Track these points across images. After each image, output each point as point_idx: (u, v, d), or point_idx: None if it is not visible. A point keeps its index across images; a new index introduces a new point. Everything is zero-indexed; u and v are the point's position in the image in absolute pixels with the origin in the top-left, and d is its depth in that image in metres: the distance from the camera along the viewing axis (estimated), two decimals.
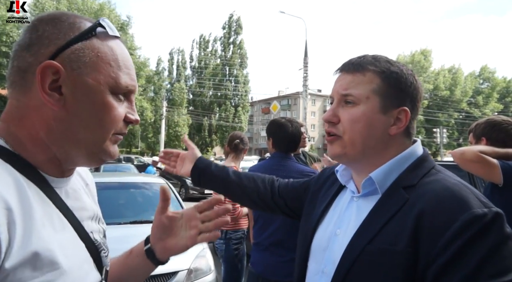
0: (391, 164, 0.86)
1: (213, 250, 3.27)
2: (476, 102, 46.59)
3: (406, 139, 0.90)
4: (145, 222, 3.76)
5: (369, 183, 0.87)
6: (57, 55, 0.63)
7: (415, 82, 0.88)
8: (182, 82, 45.28)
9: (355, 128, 0.86)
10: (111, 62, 0.67)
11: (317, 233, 0.97)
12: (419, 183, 0.82)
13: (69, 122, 0.64)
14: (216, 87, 46.35)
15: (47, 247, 0.58)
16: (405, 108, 0.86)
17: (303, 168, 2.24)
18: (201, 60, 47.80)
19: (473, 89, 46.84)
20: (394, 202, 0.81)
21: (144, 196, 4.34)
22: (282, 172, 2.26)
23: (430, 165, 0.87)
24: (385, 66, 0.87)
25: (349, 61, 0.90)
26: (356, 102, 0.86)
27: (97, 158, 0.70)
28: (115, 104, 0.67)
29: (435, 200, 0.76)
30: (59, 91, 0.64)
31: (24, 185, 0.60)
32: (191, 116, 44.12)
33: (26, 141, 0.65)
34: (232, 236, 3.03)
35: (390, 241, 0.77)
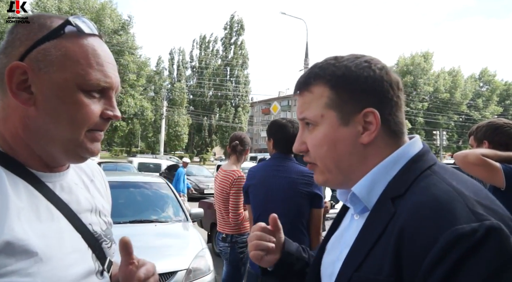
0: (374, 172, 0.73)
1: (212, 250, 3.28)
2: (476, 105, 46.64)
3: (392, 139, 0.74)
4: (145, 221, 3.77)
5: (355, 198, 0.75)
6: (26, 56, 0.66)
7: (373, 73, 0.73)
8: (183, 82, 45.31)
9: (321, 153, 0.76)
10: (80, 60, 0.67)
11: (324, 257, 0.87)
12: (408, 191, 0.67)
13: (41, 120, 0.67)
14: (216, 88, 46.37)
15: (20, 236, 0.60)
16: (370, 109, 0.72)
17: (303, 169, 2.22)
18: (202, 60, 47.83)
19: (473, 92, 46.90)
20: (381, 218, 0.68)
21: (143, 195, 4.35)
22: (282, 173, 2.26)
23: (424, 165, 0.71)
24: (330, 73, 0.75)
25: (298, 80, 0.81)
26: (314, 123, 0.76)
27: (76, 154, 0.71)
28: (86, 102, 0.68)
29: (416, 215, 0.62)
30: (29, 90, 0.66)
31: (4, 178, 0.63)
32: (191, 116, 44.14)
33: (9, 139, 0.68)
34: (238, 239, 3.02)
35: (376, 268, 0.65)
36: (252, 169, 2.49)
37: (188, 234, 3.70)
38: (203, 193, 13.05)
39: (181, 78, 47.72)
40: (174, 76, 48.56)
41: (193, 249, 3.34)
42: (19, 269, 0.59)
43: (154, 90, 40.48)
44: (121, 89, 0.77)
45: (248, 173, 2.49)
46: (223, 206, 3.05)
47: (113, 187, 4.01)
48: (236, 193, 2.94)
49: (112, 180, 4.25)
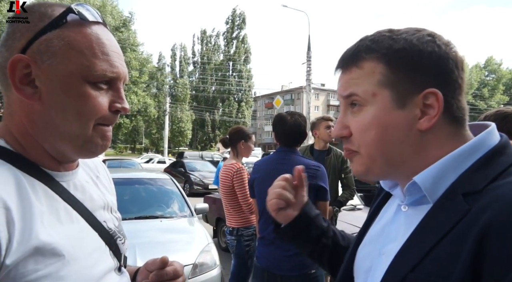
0: (444, 162, 0.63)
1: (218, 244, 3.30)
2: (481, 95, 46.26)
3: (453, 127, 0.65)
4: (150, 217, 3.78)
5: (414, 189, 0.65)
6: (28, 48, 0.62)
7: (438, 49, 0.63)
8: (185, 78, 45.29)
9: (367, 139, 0.66)
10: (85, 50, 0.63)
11: (360, 250, 0.79)
12: (488, 187, 0.58)
13: (47, 115, 0.64)
14: (219, 83, 46.32)
15: (48, 241, 0.59)
16: (432, 90, 0.62)
17: (308, 162, 2.21)
18: (204, 56, 47.73)
19: (479, 81, 46.50)
20: (448, 215, 0.59)
21: (148, 191, 4.36)
22: (287, 166, 2.25)
23: (509, 159, 0.61)
24: (386, 46, 0.65)
25: (344, 54, 0.71)
26: (362, 103, 0.66)
27: (87, 150, 0.68)
28: (93, 94, 0.64)
29: (505, 215, 0.51)
30: (34, 84, 0.63)
31: (25, 182, 0.61)
32: (194, 112, 44.20)
33: (18, 137, 0.65)
34: (244, 232, 3.04)
35: (440, 270, 0.56)
36: (257, 163, 2.50)
37: (194, 229, 3.72)
38: (207, 188, 13.08)
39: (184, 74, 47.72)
40: (176, 72, 48.56)
41: (199, 244, 3.36)
42: (50, 273, 0.59)
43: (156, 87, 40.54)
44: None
45: (253, 167, 2.50)
46: (227, 200, 3.09)
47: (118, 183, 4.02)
48: (240, 184, 2.96)
49: (117, 176, 4.27)
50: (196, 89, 47.80)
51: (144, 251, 2.94)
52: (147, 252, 2.97)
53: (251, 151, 3.22)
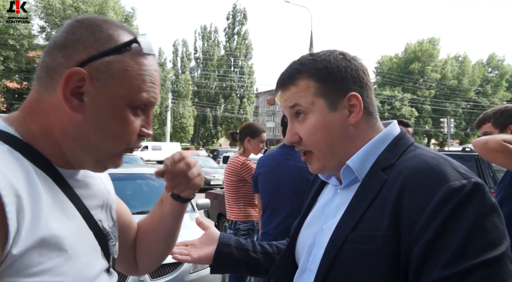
0: (367, 148, 0.84)
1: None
2: (484, 91, 45.99)
3: (371, 120, 0.87)
4: None
5: (348, 172, 0.84)
6: (87, 63, 0.64)
7: (350, 63, 0.85)
8: (187, 74, 45.24)
9: (316, 139, 0.84)
10: (137, 77, 0.68)
11: (302, 232, 0.95)
12: (398, 161, 0.79)
13: (84, 128, 0.66)
14: (221, 79, 46.24)
15: (54, 233, 0.60)
16: (353, 93, 0.83)
17: None
18: (206, 52, 47.62)
19: (481, 78, 46.20)
20: (373, 185, 0.78)
21: (150, 186, 4.37)
22: (291, 162, 2.27)
23: (408, 142, 0.85)
24: (312, 66, 0.84)
25: (280, 78, 0.89)
26: (305, 111, 0.84)
27: (103, 165, 0.73)
28: (132, 119, 0.69)
29: (412, 177, 0.72)
30: (81, 97, 0.65)
31: (33, 173, 0.62)
32: (196, 108, 44.18)
33: (37, 134, 0.67)
34: (241, 226, 3.05)
35: (372, 226, 0.74)
36: (262, 158, 2.50)
37: (195, 225, 3.72)
38: (209, 184, 13.13)
39: (185, 70, 47.64)
40: (178, 68, 48.49)
41: None
42: (52, 267, 0.59)
43: None
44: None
45: (257, 162, 2.50)
46: (228, 192, 3.12)
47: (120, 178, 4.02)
48: (250, 175, 2.96)
49: (119, 171, 4.28)
50: (198, 85, 47.75)
51: None
52: None
53: (259, 148, 3.18)
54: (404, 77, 42.37)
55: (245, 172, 3.00)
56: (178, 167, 0.83)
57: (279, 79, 0.90)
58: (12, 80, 26.47)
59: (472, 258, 0.63)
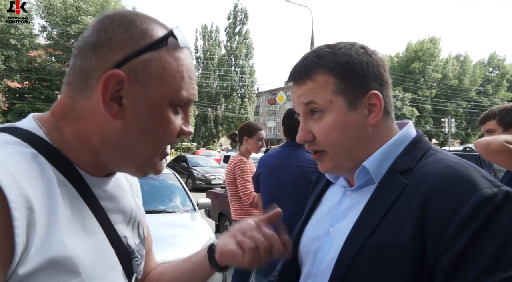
0: (384, 149, 0.79)
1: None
2: (485, 91, 45.91)
3: (388, 120, 0.82)
4: (153, 211, 3.80)
5: (363, 173, 0.79)
6: (124, 64, 0.59)
7: (371, 59, 0.78)
8: None
9: (333, 140, 0.78)
10: (176, 74, 0.62)
11: (304, 235, 0.90)
12: (417, 166, 0.75)
13: (124, 134, 0.61)
14: (222, 78, 46.24)
15: (67, 253, 0.53)
16: (374, 92, 0.77)
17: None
18: (207, 51, 47.62)
19: (482, 77, 46.12)
20: (392, 189, 0.74)
21: (151, 186, 4.37)
22: (293, 161, 2.26)
23: (426, 145, 0.80)
24: (331, 61, 0.77)
25: (295, 70, 0.81)
26: (321, 110, 0.78)
27: (144, 171, 0.67)
28: (173, 119, 0.63)
29: (439, 183, 0.68)
30: (119, 101, 0.60)
31: (55, 181, 0.56)
32: (197, 107, 44.18)
33: (71, 140, 0.62)
34: None
35: (392, 233, 0.69)
36: (263, 157, 2.49)
37: (196, 224, 3.74)
38: (210, 183, 13.14)
39: None
40: None
41: (201, 239, 3.38)
42: None
43: None
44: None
45: (259, 161, 2.49)
46: (229, 192, 3.13)
47: None
48: (240, 174, 2.98)
49: None
50: (199, 84, 47.75)
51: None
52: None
53: (259, 147, 3.17)
54: (405, 76, 42.29)
55: (237, 170, 3.00)
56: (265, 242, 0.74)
57: (293, 71, 0.82)
58: (13, 80, 26.50)
59: (506, 270, 0.59)
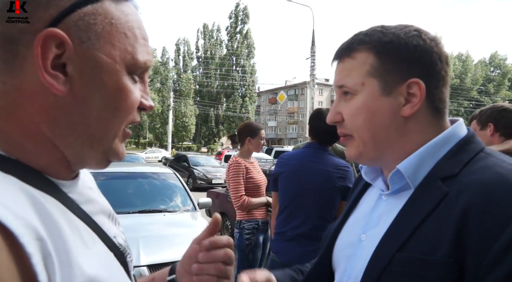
0: (423, 151, 0.69)
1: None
2: (486, 90, 45.84)
3: (434, 117, 0.71)
4: (153, 211, 3.80)
5: (397, 177, 0.70)
6: (60, 21, 0.47)
7: (423, 43, 0.69)
8: (189, 73, 45.28)
9: (358, 123, 0.72)
10: (127, 32, 0.51)
11: (339, 239, 0.84)
12: (463, 171, 0.64)
13: (78, 112, 0.49)
14: (223, 78, 46.25)
15: (91, 274, 0.47)
16: (415, 80, 0.68)
17: (338, 162, 2.16)
18: (207, 50, 47.63)
19: (484, 77, 46.06)
20: (429, 197, 0.64)
21: (152, 185, 4.38)
22: (318, 164, 2.17)
23: (477, 147, 0.69)
24: (377, 39, 0.71)
25: (340, 47, 0.76)
26: (353, 93, 0.72)
27: (106, 159, 0.55)
28: (132, 88, 0.52)
29: (484, 193, 0.58)
30: (63, 70, 0.48)
31: (40, 199, 0.46)
32: (198, 107, 44.22)
33: (22, 140, 0.49)
34: (245, 225, 3.03)
35: (426, 248, 0.60)
36: (284, 156, 2.38)
37: (197, 223, 3.74)
38: (211, 183, 13.13)
39: (187, 69, 47.68)
40: (180, 67, 48.54)
41: None
42: None
43: (160, 82, 40.57)
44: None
45: (279, 160, 2.40)
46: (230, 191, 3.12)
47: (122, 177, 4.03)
48: (232, 176, 2.96)
49: (120, 170, 4.30)
50: (200, 84, 47.78)
51: (147, 245, 2.96)
52: (150, 245, 2.99)
53: (260, 146, 3.17)
54: None
55: (231, 171, 3.00)
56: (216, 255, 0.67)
57: (338, 48, 0.77)
58: None
59: None
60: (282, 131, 60.55)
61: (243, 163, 3.02)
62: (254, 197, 3.03)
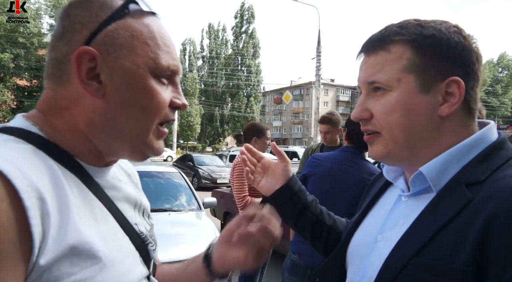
0: (449, 154, 0.66)
1: None
2: (494, 91, 45.38)
3: (467, 118, 0.68)
4: (158, 210, 3.81)
5: (420, 179, 0.68)
6: (91, 40, 0.58)
7: (464, 40, 0.66)
8: (195, 73, 45.39)
9: (392, 121, 0.67)
10: (148, 41, 0.60)
11: (355, 237, 0.82)
12: (490, 178, 0.61)
13: (110, 113, 0.59)
14: (228, 77, 46.29)
15: (86, 239, 0.53)
16: (455, 78, 0.65)
17: (373, 169, 2.10)
18: (212, 50, 47.71)
19: (492, 78, 45.59)
20: (452, 203, 0.62)
21: (157, 184, 4.40)
22: (354, 170, 2.11)
23: (508, 153, 0.65)
24: (415, 32, 0.67)
25: (370, 39, 0.72)
26: (386, 88, 0.68)
27: (141, 152, 0.64)
28: (158, 89, 0.61)
29: (509, 203, 0.55)
30: (98, 79, 0.58)
31: (59, 173, 0.55)
32: (203, 106, 44.31)
33: (64, 131, 0.60)
34: None
35: (445, 254, 0.58)
36: (317, 157, 2.30)
37: (202, 223, 3.75)
38: (216, 182, 13.15)
39: (193, 68, 47.80)
40: (185, 66, 48.66)
41: (207, 237, 3.38)
42: (85, 278, 0.52)
43: None
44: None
45: (311, 160, 2.31)
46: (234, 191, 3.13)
47: None
48: (236, 176, 2.96)
49: None
50: (205, 83, 47.87)
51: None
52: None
53: (267, 146, 3.17)
54: None
55: (235, 171, 3.00)
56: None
57: (367, 40, 0.72)
58: (22, 78, 26.80)
59: None
60: (287, 131, 60.47)
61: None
62: (258, 197, 3.03)
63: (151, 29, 0.61)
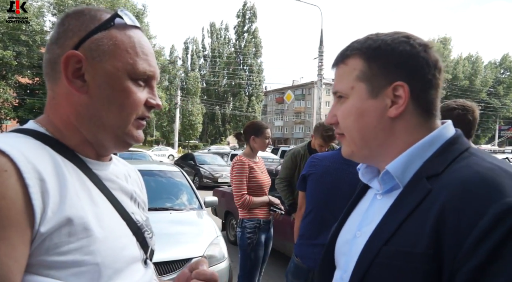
0: (411, 151, 0.73)
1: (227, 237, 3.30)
2: (496, 93, 45.25)
3: (423, 118, 0.75)
4: (159, 209, 3.82)
5: (388, 177, 0.75)
6: (80, 46, 0.69)
7: (411, 49, 0.73)
8: (197, 72, 45.38)
9: (348, 124, 0.78)
10: (128, 49, 0.71)
11: (339, 237, 0.89)
12: (446, 170, 0.68)
13: (93, 107, 0.70)
14: (230, 77, 46.30)
15: (80, 214, 0.62)
16: (400, 83, 0.72)
17: None
18: (214, 49, 47.71)
19: (494, 79, 45.47)
20: (414, 195, 0.69)
21: (158, 183, 4.40)
22: (352, 168, 1.89)
23: (461, 147, 0.72)
24: (367, 46, 0.76)
25: (337, 55, 0.83)
26: (345, 96, 0.78)
27: (123, 141, 0.75)
28: (134, 89, 0.71)
29: (460, 190, 0.62)
30: (82, 78, 0.69)
31: (60, 161, 0.65)
32: (205, 105, 44.31)
33: (60, 126, 0.71)
34: (247, 224, 3.04)
35: (409, 241, 0.65)
36: (316, 157, 2.32)
37: (203, 222, 3.75)
38: (217, 181, 13.16)
39: (195, 67, 47.81)
40: (187, 65, 48.68)
41: (208, 237, 3.39)
42: (81, 246, 0.61)
43: (168, 80, 40.74)
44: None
45: (310, 160, 2.34)
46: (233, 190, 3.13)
47: None
48: (235, 174, 2.97)
49: None
50: (207, 82, 47.88)
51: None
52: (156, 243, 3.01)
53: (266, 145, 3.19)
54: None
55: (234, 170, 3.01)
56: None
57: (335, 56, 0.84)
58: (24, 76, 26.85)
59: None
60: (289, 131, 60.43)
61: (247, 162, 3.02)
62: (257, 196, 3.03)
63: (132, 40, 0.72)
